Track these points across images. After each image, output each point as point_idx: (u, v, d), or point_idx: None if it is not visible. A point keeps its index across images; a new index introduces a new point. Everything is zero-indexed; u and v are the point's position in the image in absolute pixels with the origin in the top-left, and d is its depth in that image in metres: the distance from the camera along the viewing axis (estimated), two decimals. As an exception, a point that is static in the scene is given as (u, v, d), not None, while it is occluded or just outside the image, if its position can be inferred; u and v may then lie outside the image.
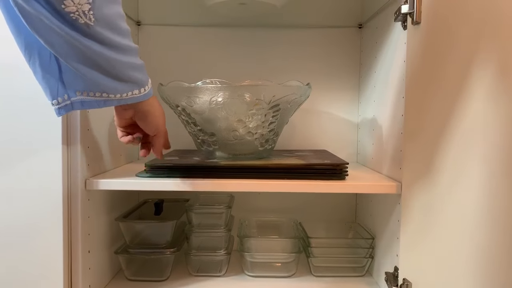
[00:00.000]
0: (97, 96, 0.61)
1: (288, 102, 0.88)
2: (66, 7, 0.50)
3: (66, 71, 0.60)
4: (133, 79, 0.63)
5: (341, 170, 0.84)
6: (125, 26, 0.60)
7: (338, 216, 1.21)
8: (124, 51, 0.59)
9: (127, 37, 0.60)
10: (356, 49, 1.19)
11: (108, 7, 0.55)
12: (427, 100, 0.70)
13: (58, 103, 0.62)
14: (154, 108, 0.71)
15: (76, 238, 0.80)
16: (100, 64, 0.57)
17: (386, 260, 0.91)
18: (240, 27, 1.18)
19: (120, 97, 0.62)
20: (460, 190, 0.60)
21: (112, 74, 0.59)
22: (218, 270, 1.01)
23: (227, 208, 1.02)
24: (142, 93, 0.65)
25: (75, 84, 0.60)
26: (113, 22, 0.56)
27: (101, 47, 0.56)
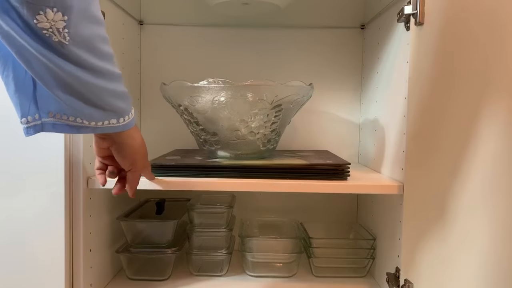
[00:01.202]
0: (71, 120, 0.57)
1: (291, 102, 0.88)
2: (39, 22, 0.46)
3: (41, 90, 0.55)
4: (112, 107, 0.58)
5: (343, 170, 0.84)
6: (107, 49, 0.55)
7: (339, 217, 1.20)
8: (103, 75, 0.55)
9: (109, 60, 0.56)
10: (359, 50, 1.19)
11: (86, 27, 0.50)
12: (430, 101, 0.70)
13: (27, 122, 0.56)
14: (133, 141, 0.67)
15: (77, 237, 0.80)
16: (74, 88, 0.53)
17: (387, 261, 0.91)
18: (242, 27, 1.18)
19: (95, 125, 0.58)
20: (463, 190, 0.60)
21: (87, 99, 0.55)
22: (219, 270, 1.01)
23: (229, 208, 1.02)
24: (121, 123, 0.61)
25: (48, 105, 0.56)
26: (91, 43, 0.52)
27: (77, 69, 0.51)
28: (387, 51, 0.95)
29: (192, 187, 0.82)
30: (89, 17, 0.51)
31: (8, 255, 0.77)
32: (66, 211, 0.78)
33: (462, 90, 0.60)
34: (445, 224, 0.65)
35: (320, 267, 1.00)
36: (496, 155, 0.53)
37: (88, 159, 0.82)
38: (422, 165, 0.72)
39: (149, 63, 1.19)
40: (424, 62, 0.72)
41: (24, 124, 0.57)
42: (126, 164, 0.69)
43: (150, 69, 1.19)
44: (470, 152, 0.58)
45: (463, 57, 0.60)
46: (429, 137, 0.70)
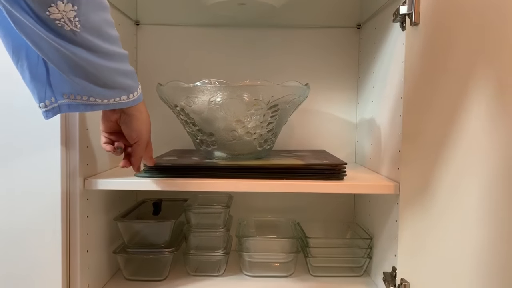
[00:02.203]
0: (84, 100, 0.61)
1: (287, 102, 0.88)
2: (51, 14, 0.49)
3: (54, 74, 0.60)
4: (122, 85, 0.63)
5: (340, 170, 0.85)
6: (114, 33, 0.59)
7: (336, 216, 1.21)
8: (112, 57, 0.59)
9: (116, 43, 0.60)
10: (355, 50, 1.19)
11: (95, 14, 0.54)
12: (426, 100, 0.70)
13: (45, 106, 0.62)
14: (141, 114, 0.71)
15: (74, 238, 0.80)
16: (88, 71, 0.57)
17: (384, 260, 0.91)
18: (239, 27, 1.18)
19: (108, 102, 0.62)
20: (459, 190, 0.60)
21: (100, 81, 0.59)
22: (217, 270, 1.01)
23: (226, 208, 1.02)
24: (130, 98, 0.65)
25: (62, 87, 0.60)
26: (100, 28, 0.56)
27: (89, 54, 0.55)
28: (383, 51, 0.95)
29: (189, 187, 0.82)
30: (97, 4, 0.54)
31: (5, 256, 0.77)
32: (63, 212, 0.78)
33: (456, 89, 0.60)
34: (441, 223, 0.65)
35: (317, 266, 1.00)
36: (491, 154, 0.53)
37: (84, 160, 0.82)
38: (418, 164, 0.73)
39: (145, 63, 1.19)
40: (419, 62, 0.73)
41: (43, 109, 0.62)
42: (133, 136, 0.72)
43: (146, 70, 1.19)
44: (465, 152, 0.58)
45: (458, 57, 0.60)
46: (425, 136, 0.70)
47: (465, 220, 0.58)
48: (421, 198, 0.71)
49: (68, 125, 0.78)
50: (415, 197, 0.74)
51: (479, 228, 0.55)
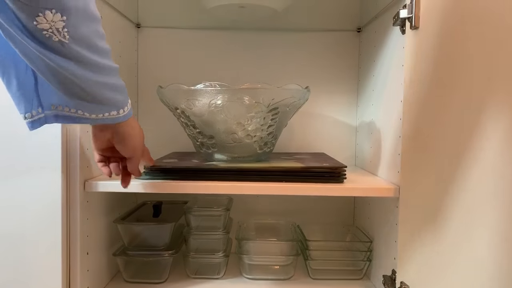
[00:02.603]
0: (72, 112, 0.59)
1: (287, 105, 0.88)
2: (39, 23, 0.47)
3: (42, 84, 0.58)
4: (111, 100, 0.60)
5: (339, 173, 0.85)
6: (105, 45, 0.57)
7: (336, 219, 1.21)
8: (102, 70, 0.57)
9: (107, 56, 0.58)
10: (355, 53, 1.19)
11: (85, 25, 0.52)
12: (426, 104, 0.70)
13: (31, 116, 0.60)
14: (133, 130, 0.69)
15: (74, 240, 0.80)
16: (76, 84, 0.55)
17: (383, 263, 0.91)
18: (239, 30, 1.19)
19: (96, 117, 0.60)
20: (459, 193, 0.60)
21: (88, 95, 0.57)
22: (216, 272, 1.01)
23: (226, 211, 1.02)
24: (120, 114, 0.63)
25: (50, 98, 0.59)
26: (90, 40, 0.53)
27: (77, 67, 0.53)
28: (383, 54, 0.96)
29: (189, 189, 0.82)
30: (87, 15, 0.52)
31: (5, 258, 0.77)
32: (63, 214, 0.78)
33: (457, 93, 0.61)
34: (441, 226, 0.65)
35: (317, 269, 1.00)
36: (493, 158, 0.53)
37: (85, 163, 0.82)
38: (418, 167, 0.73)
39: (146, 66, 1.19)
40: (419, 65, 0.73)
41: (29, 119, 0.60)
42: (128, 152, 0.71)
43: (147, 72, 1.19)
44: (466, 155, 0.58)
45: (458, 61, 0.60)
46: (424, 139, 0.70)
47: (466, 224, 0.58)
48: (421, 201, 0.71)
49: (69, 127, 0.79)
50: (415, 200, 0.74)
51: (479, 231, 0.55)
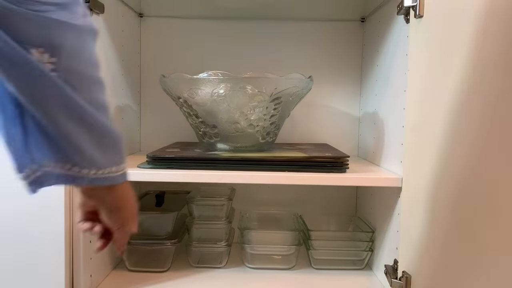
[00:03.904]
0: (66, 169, 0.48)
1: (290, 95, 0.88)
2: (31, 53, 0.39)
3: (32, 133, 0.46)
4: (113, 150, 0.51)
5: (342, 163, 0.85)
6: (102, 98, 0.48)
7: (338, 209, 1.21)
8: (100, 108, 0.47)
9: (103, 112, 0.48)
10: (359, 43, 1.18)
11: (80, 73, 0.44)
12: (429, 94, 0.70)
13: (28, 176, 0.48)
14: (126, 203, 0.57)
15: (77, 228, 0.81)
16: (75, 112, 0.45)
17: (385, 253, 0.91)
18: (242, 19, 1.18)
19: (95, 174, 0.49)
20: (461, 183, 0.60)
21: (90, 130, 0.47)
22: (219, 261, 1.01)
23: (228, 200, 1.02)
24: (119, 172, 0.52)
25: (41, 151, 0.47)
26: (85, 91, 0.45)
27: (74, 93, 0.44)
28: (387, 44, 0.95)
29: (191, 179, 0.82)
30: (84, 59, 0.44)
31: (8, 246, 0.78)
32: (66, 203, 0.78)
33: (462, 82, 0.60)
34: (443, 216, 0.65)
35: (319, 259, 1.01)
36: (495, 147, 0.53)
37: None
38: (420, 158, 0.72)
39: (148, 55, 1.19)
40: (423, 54, 0.72)
41: (26, 180, 0.49)
42: (115, 226, 0.58)
43: (149, 62, 1.19)
44: (469, 145, 0.58)
45: (463, 49, 0.60)
46: (428, 129, 0.70)
47: (468, 213, 0.58)
48: (424, 192, 0.71)
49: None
50: (417, 190, 0.74)
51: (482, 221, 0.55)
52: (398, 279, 0.79)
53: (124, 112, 1.06)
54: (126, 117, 1.08)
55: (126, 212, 0.58)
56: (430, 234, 0.69)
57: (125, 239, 0.61)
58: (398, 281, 0.79)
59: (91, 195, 0.55)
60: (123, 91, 1.06)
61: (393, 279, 0.81)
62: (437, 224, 0.67)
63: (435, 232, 0.67)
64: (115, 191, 0.54)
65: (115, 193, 0.55)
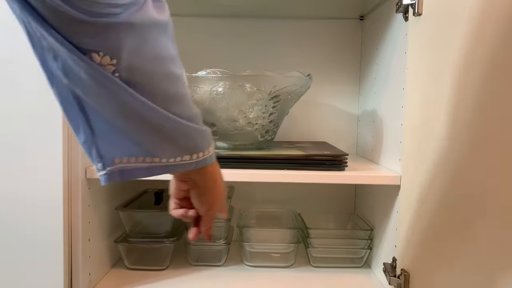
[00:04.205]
0: (139, 162, 0.49)
1: (289, 93, 0.88)
2: (92, 58, 0.40)
3: (101, 135, 0.47)
4: (184, 141, 0.50)
5: (341, 161, 0.85)
6: (176, 90, 0.47)
7: (337, 208, 1.21)
8: (169, 120, 0.47)
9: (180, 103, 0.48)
10: (357, 41, 1.18)
11: (145, 68, 0.43)
12: (428, 92, 0.70)
13: (98, 170, 0.49)
14: (214, 185, 0.58)
15: (76, 227, 0.81)
16: (141, 116, 0.45)
17: (384, 251, 0.92)
18: (241, 17, 1.18)
19: (167, 162, 0.49)
20: (460, 181, 0.60)
21: (157, 129, 0.47)
22: (218, 260, 1.01)
23: (227, 199, 1.02)
24: (194, 160, 0.51)
25: (111, 151, 0.48)
26: (153, 86, 0.45)
27: (141, 98, 0.44)
28: (386, 42, 0.95)
29: (190, 177, 0.82)
30: (147, 56, 0.43)
31: (7, 244, 0.78)
32: (65, 201, 0.78)
33: (460, 80, 0.60)
34: (441, 214, 0.65)
35: (318, 257, 1.01)
36: (493, 145, 0.53)
37: (86, 149, 0.82)
38: (419, 156, 0.73)
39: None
40: (422, 52, 0.72)
41: (99, 172, 0.49)
42: (203, 208, 0.60)
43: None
44: (468, 143, 0.58)
45: (461, 48, 0.60)
46: (426, 128, 0.70)
47: (466, 211, 0.58)
48: (422, 190, 0.71)
49: (70, 114, 0.78)
50: (416, 188, 0.74)
51: (480, 219, 0.55)
52: (397, 277, 0.79)
53: (122, 110, 1.06)
54: (124, 115, 1.08)
55: (216, 193, 0.59)
56: (428, 232, 0.69)
57: (211, 222, 0.62)
58: (397, 279, 0.79)
59: (184, 179, 0.57)
60: (121, 89, 1.06)
61: (391, 277, 0.81)
62: (435, 222, 0.67)
63: (434, 230, 0.67)
64: (207, 173, 0.56)
65: (207, 175, 0.56)
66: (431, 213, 0.68)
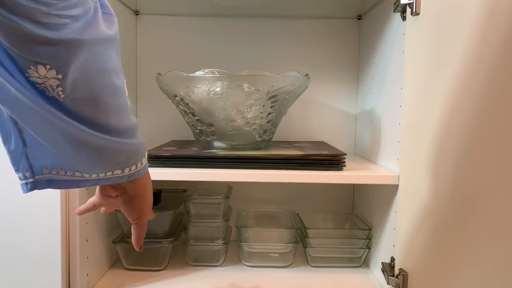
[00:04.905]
0: (69, 175, 0.49)
1: (287, 92, 0.88)
2: (30, 76, 0.40)
3: (32, 144, 0.48)
4: (118, 159, 0.51)
5: (339, 161, 0.85)
6: (117, 102, 0.48)
7: (335, 207, 1.21)
8: (110, 132, 0.48)
9: (120, 115, 0.49)
10: (355, 41, 1.18)
11: (88, 83, 0.43)
12: (426, 91, 0.70)
13: (24, 178, 0.50)
14: (145, 192, 0.59)
15: (74, 227, 0.81)
16: (76, 141, 0.46)
17: (383, 251, 0.92)
18: (239, 17, 1.18)
19: (97, 177, 0.50)
20: (458, 180, 0.60)
21: (89, 153, 0.47)
22: (216, 260, 1.01)
23: (225, 199, 1.02)
24: (126, 173, 0.52)
25: (42, 160, 0.49)
26: (94, 100, 0.45)
27: (78, 125, 0.44)
28: (384, 42, 0.95)
29: (188, 177, 0.82)
30: (93, 70, 0.44)
31: (4, 244, 0.77)
32: (62, 201, 0.78)
33: (458, 80, 0.60)
34: (439, 214, 0.65)
35: (316, 257, 1.01)
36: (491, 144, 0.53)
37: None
38: (417, 155, 0.73)
39: (145, 53, 1.18)
40: (420, 52, 0.72)
41: (21, 181, 0.51)
42: (134, 216, 0.61)
43: (146, 60, 1.18)
44: (466, 142, 0.58)
45: (459, 47, 0.60)
46: (424, 127, 0.70)
47: (465, 209, 0.58)
48: (420, 189, 0.71)
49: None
50: (414, 188, 0.74)
51: (478, 219, 0.55)
52: (395, 277, 0.79)
53: (120, 111, 1.06)
54: (122, 116, 1.07)
55: (144, 202, 0.60)
56: (427, 231, 0.69)
57: (143, 232, 0.64)
58: (395, 278, 0.79)
59: (113, 186, 0.57)
60: (119, 89, 1.05)
61: (390, 276, 0.81)
62: (433, 222, 0.67)
63: (432, 230, 0.67)
64: (137, 181, 0.56)
65: (137, 183, 0.57)
66: (429, 212, 0.68)
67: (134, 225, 0.63)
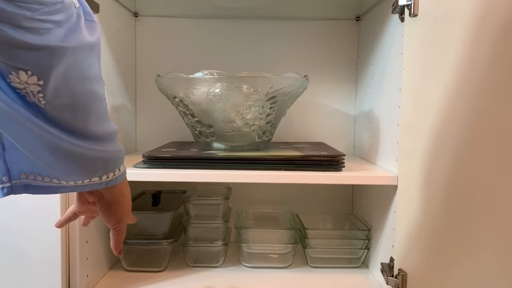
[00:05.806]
0: (46, 181, 0.50)
1: (286, 94, 0.88)
2: (11, 81, 0.40)
3: (10, 148, 0.48)
4: (96, 167, 0.51)
5: (338, 161, 0.85)
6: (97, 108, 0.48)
7: (334, 208, 1.21)
8: (90, 139, 0.48)
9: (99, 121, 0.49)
10: (354, 42, 1.19)
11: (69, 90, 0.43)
12: (424, 92, 0.70)
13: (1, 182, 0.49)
14: (123, 198, 0.60)
15: (73, 228, 0.81)
16: (53, 149, 0.46)
17: (382, 251, 0.92)
18: (237, 18, 1.18)
19: (75, 184, 0.50)
20: (457, 181, 0.60)
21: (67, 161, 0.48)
22: (215, 261, 1.01)
23: (225, 200, 1.02)
24: (103, 180, 0.53)
25: (20, 165, 0.49)
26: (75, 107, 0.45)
27: (57, 132, 0.45)
28: (382, 43, 0.95)
29: (187, 178, 0.82)
30: (75, 77, 0.44)
31: (4, 246, 0.77)
32: (62, 202, 0.78)
33: (455, 81, 0.60)
34: (438, 214, 0.65)
35: (316, 257, 1.01)
36: (489, 145, 0.53)
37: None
38: (416, 156, 0.73)
39: (144, 55, 1.19)
40: (418, 53, 0.73)
41: None
42: (111, 221, 0.61)
43: (145, 61, 1.19)
44: (465, 143, 0.58)
45: (457, 48, 0.60)
46: (423, 128, 0.70)
47: (464, 210, 0.58)
48: (419, 190, 0.71)
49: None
50: (413, 188, 0.74)
51: (477, 219, 0.55)
52: (394, 277, 0.79)
53: (119, 112, 1.06)
54: (121, 117, 1.08)
55: (122, 207, 0.60)
56: (426, 232, 0.69)
57: (122, 237, 0.64)
58: (394, 278, 0.79)
59: (90, 191, 0.57)
60: (118, 91, 1.06)
61: (389, 276, 0.81)
62: (432, 222, 0.67)
63: (431, 230, 0.67)
64: (115, 187, 0.57)
65: (115, 189, 0.57)
66: (428, 213, 0.68)
67: (113, 230, 0.63)
